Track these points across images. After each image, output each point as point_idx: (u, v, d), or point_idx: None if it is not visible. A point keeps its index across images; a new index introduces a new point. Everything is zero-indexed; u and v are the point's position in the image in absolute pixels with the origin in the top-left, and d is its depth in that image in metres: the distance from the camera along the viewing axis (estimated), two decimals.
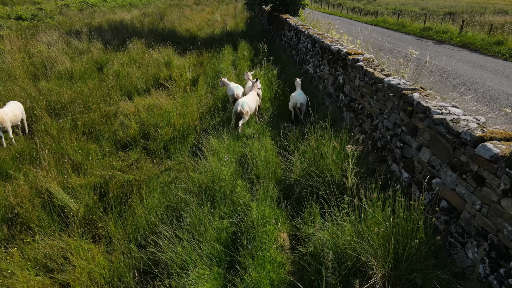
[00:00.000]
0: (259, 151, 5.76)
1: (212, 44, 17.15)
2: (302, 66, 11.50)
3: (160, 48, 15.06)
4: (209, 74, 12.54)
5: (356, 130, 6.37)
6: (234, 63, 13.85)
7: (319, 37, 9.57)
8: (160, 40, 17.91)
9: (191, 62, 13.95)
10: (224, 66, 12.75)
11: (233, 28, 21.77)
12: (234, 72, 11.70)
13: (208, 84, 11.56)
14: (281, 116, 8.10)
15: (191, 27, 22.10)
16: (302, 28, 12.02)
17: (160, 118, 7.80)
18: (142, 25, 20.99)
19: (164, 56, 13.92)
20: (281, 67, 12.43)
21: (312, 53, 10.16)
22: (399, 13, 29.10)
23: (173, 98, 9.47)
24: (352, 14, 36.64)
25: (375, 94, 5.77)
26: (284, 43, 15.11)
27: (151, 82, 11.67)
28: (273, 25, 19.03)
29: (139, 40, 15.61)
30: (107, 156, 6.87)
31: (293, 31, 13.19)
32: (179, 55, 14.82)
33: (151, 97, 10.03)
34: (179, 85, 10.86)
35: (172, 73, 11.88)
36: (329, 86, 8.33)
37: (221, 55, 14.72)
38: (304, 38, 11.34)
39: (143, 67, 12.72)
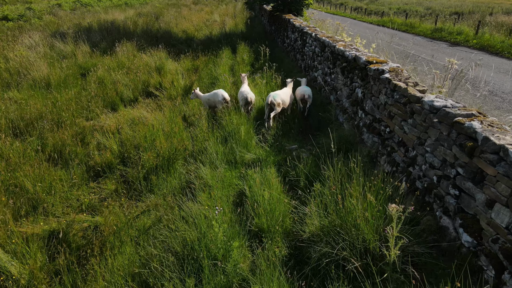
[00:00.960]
0: (261, 189, 4.46)
1: (210, 47, 15.84)
2: (308, 72, 10.19)
3: (153, 51, 13.76)
4: (205, 80, 11.24)
5: (383, 160, 5.07)
6: (233, 68, 12.55)
7: (329, 40, 8.26)
8: (154, 42, 16.61)
9: (185, 67, 12.66)
10: (222, 72, 11.45)
11: (232, 29, 20.46)
12: (232, 80, 10.39)
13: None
14: (287, 136, 6.80)
15: (188, 27, 20.79)
16: (308, 29, 10.71)
17: (143, 138, 6.51)
18: (135, 26, 19.67)
19: (156, 60, 12.61)
20: (285, 74, 11.13)
21: (321, 59, 8.85)
22: (407, 13, 27.79)
23: (162, 111, 8.17)
24: (355, 14, 35.30)
25: (410, 117, 4.47)
26: (287, 45, 13.79)
27: (140, 90, 10.38)
28: (274, 26, 17.71)
29: (130, 42, 14.30)
30: (75, 188, 5.58)
31: (298, 33, 11.88)
32: (172, 59, 13.53)
33: (138, 109, 8.74)
34: (169, 95, 9.56)
35: (163, 80, 10.58)
36: (344, 99, 7.03)
37: (219, 59, 13.42)
38: (311, 41, 10.03)
39: (132, 73, 11.42)
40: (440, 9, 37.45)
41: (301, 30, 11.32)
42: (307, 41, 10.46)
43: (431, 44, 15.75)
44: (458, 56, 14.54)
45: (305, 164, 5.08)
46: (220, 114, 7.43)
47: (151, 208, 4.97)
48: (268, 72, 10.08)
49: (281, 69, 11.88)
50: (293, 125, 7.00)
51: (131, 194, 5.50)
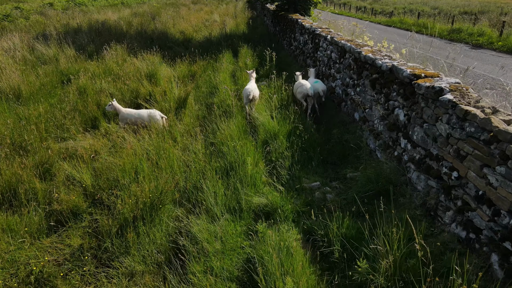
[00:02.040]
0: (280, 268, 3.02)
1: (209, 49, 14.37)
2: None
3: (146, 54, 12.30)
4: (203, 89, 9.78)
5: (449, 218, 3.60)
6: (234, 74, 11.08)
7: (350, 45, 6.80)
8: (148, 44, 15.14)
9: (181, 73, 11.19)
10: (222, 80, 9.98)
11: (233, 29, 18.98)
12: (234, 89, 8.93)
13: (200, 104, 8.81)
14: (306, 168, 5.33)
15: (186, 28, 19.31)
16: (321, 31, 9.25)
17: (121, 172, 5.05)
18: (129, 27, 18.19)
19: (148, 65, 11.15)
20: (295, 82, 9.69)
21: (340, 67, 7.39)
22: (418, 13, 26.34)
23: (149, 131, 6.71)
24: (361, 14, 33.78)
25: (500, 164, 3.01)
26: (295, 48, 12.32)
27: (128, 101, 8.92)
28: (279, 27, 16.23)
29: (120, 45, 12.83)
30: (25, 248, 4.13)
31: (308, 35, 10.41)
32: (167, 64, 12.06)
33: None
34: (161, 108, 8.09)
35: (154, 90, 9.11)
36: (375, 120, 5.56)
37: (219, 64, 11.96)
38: (326, 45, 8.56)
39: (120, 81, 9.96)
40: (447, 9, 35.97)
41: (312, 32, 9.85)
42: (321, 45, 8.99)
43: (450, 46, 14.27)
44: (485, 60, 13.09)
45: (338, 221, 3.61)
46: (221, 136, 5.97)
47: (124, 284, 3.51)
48: (277, 81, 8.62)
49: (289, 75, 10.43)
50: (314, 153, 5.53)
51: (100, 256, 4.05)
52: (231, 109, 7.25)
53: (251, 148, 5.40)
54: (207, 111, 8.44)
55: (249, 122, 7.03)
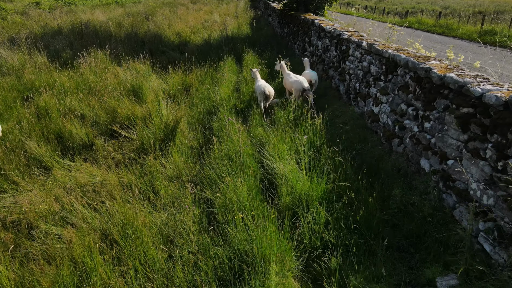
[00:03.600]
0: None
1: (208, 54, 12.26)
2: (356, 102, 6.58)
3: (133, 61, 10.19)
4: (199, 108, 7.66)
5: None
6: (239, 88, 8.96)
7: (407, 57, 4.68)
8: (138, 49, 13.04)
9: (173, 85, 9.08)
10: (224, 96, 7.86)
11: (235, 31, 16.85)
12: (240, 118, 6.83)
13: (195, 130, 6.70)
14: (364, 264, 3.21)
15: (183, 29, 17.19)
16: (350, 35, 7.13)
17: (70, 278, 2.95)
18: (118, 28, 16.05)
19: (134, 76, 9.05)
20: (315, 98, 7.58)
21: (388, 86, 5.26)
22: (440, 13, 24.22)
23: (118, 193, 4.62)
24: (371, 14, 31.63)
25: None
26: (311, 55, 10.19)
27: (102, 126, 6.82)
28: (288, 28, 14.09)
29: (103, 50, 10.70)
30: None
31: (330, 39, 8.29)
32: (158, 73, 9.96)
33: (83, 171, 5.18)
34: (141, 140, 5.97)
35: (136, 111, 7.00)
36: (473, 183, 3.42)
37: (219, 73, 9.85)
38: (359, 55, 6.44)
39: (96, 98, 7.86)
40: (459, 8, 33.83)
41: (337, 36, 7.72)
42: (351, 53, 6.87)
43: (489, 51, 12.16)
44: None
45: None
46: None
47: None
48: (297, 101, 6.50)
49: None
50: (373, 236, 3.40)
51: None
52: (237, 150, 5.12)
53: (272, 230, 3.28)
54: (204, 141, 6.35)
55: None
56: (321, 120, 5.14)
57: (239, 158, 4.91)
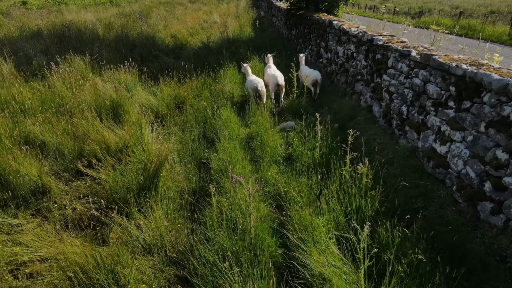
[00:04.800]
0: None
1: (206, 60, 10.59)
2: (403, 132, 4.86)
3: (119, 69, 8.51)
4: (194, 133, 5.97)
5: None
6: (242, 105, 7.27)
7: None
8: (127, 53, 11.36)
9: (163, 100, 7.39)
10: (225, 118, 6.16)
11: (237, 33, 15.15)
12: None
13: (187, 165, 5.03)
14: None
15: (179, 31, 15.50)
16: (388, 41, 5.45)
17: None
18: (108, 30, 14.36)
19: (117, 89, 7.38)
20: (340, 120, 5.89)
21: (465, 117, 3.56)
22: (460, 12, 22.52)
23: None
24: (380, 14, 29.89)
25: None
26: (329, 63, 8.49)
27: (67, 160, 5.15)
28: (297, 30, 12.39)
29: (83, 56, 9.01)
30: None
31: (357, 45, 6.59)
32: (146, 84, 8.29)
33: (30, 232, 3.53)
34: (109, 190, 4.30)
35: (110, 142, 5.31)
36: None
37: (219, 84, 8.18)
38: (406, 68, 4.74)
39: (65, 118, 6.20)
40: (471, 8, 32.11)
41: (368, 42, 6.03)
42: (392, 65, 5.18)
43: None
44: None
45: None
46: None
47: None
48: (327, 125, 4.82)
49: (330, 109, 6.62)
50: None
51: None
52: (245, 211, 3.44)
53: None
54: (199, 184, 4.69)
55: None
56: (366, 169, 3.44)
57: (248, 230, 3.23)
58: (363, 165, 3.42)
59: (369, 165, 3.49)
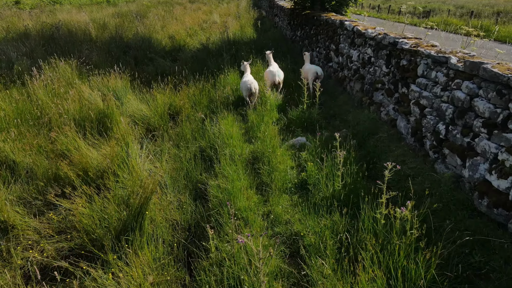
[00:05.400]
0: None
1: (205, 63, 9.79)
2: (441, 156, 4.00)
3: (108, 75, 7.69)
4: (190, 151, 5.15)
5: None
6: (245, 116, 6.44)
7: None
8: (120, 56, 10.56)
9: (157, 110, 6.57)
10: (226, 132, 5.33)
11: (237, 33, 14.33)
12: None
13: (181, 195, 4.21)
14: None
15: (177, 32, 14.69)
16: (416, 45, 4.64)
17: None
18: (102, 30, 13.54)
19: (105, 97, 6.58)
20: (360, 138, 5.07)
21: None
22: (472, 12, 21.69)
23: None
24: (385, 14, 29.02)
25: None
26: (339, 67, 7.67)
27: (40, 184, 4.34)
28: (302, 31, 11.57)
29: (68, 60, 8.19)
30: None
31: (375, 48, 5.76)
32: (139, 90, 7.49)
33: None
34: (87, 226, 3.50)
35: (89, 166, 4.50)
36: None
37: (218, 91, 7.37)
38: (444, 78, 3.91)
39: (43, 132, 5.39)
40: (477, 8, 31.25)
41: (391, 45, 5.20)
42: (422, 73, 4.36)
43: None
44: None
45: None
46: None
47: None
48: (349, 148, 3.99)
49: (344, 121, 5.80)
50: None
51: None
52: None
53: None
54: (194, 216, 3.88)
55: None
56: (410, 213, 2.61)
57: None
58: (402, 205, 2.60)
59: (409, 203, 2.67)
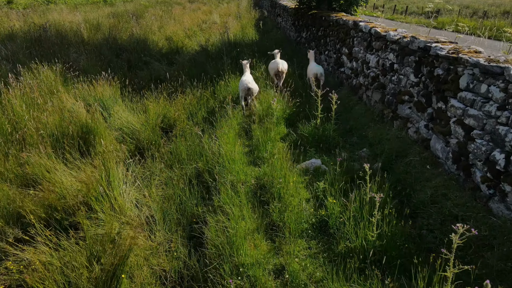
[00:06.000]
0: None
1: (204, 68, 9.00)
2: (501, 194, 3.16)
3: (97, 81, 6.88)
4: (186, 169, 4.34)
5: None
6: (248, 132, 5.62)
7: None
8: (113, 59, 9.75)
9: (148, 122, 5.76)
10: (226, 152, 4.54)
11: (238, 35, 13.52)
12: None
13: (172, 229, 3.41)
14: None
15: (175, 33, 13.88)
16: (456, 51, 3.83)
17: None
18: (95, 31, 12.73)
19: (91, 107, 5.80)
20: (382, 161, 4.25)
21: None
22: (485, 12, 20.86)
23: None
24: (390, 14, 28.19)
25: None
26: (353, 73, 6.85)
27: (2, 221, 3.53)
28: (308, 32, 10.75)
29: (51, 65, 7.38)
30: None
31: (399, 53, 4.93)
32: (130, 98, 6.71)
33: None
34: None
35: (57, 205, 3.69)
36: None
37: (217, 101, 6.57)
38: (501, 94, 3.13)
39: (13, 152, 4.59)
40: (483, 8, 30.41)
41: (420, 50, 4.39)
42: (467, 86, 3.54)
43: None
44: None
45: None
46: None
47: None
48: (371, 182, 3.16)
49: (363, 138, 5.00)
50: None
51: None
52: None
53: None
54: (189, 274, 3.08)
55: None
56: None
57: None
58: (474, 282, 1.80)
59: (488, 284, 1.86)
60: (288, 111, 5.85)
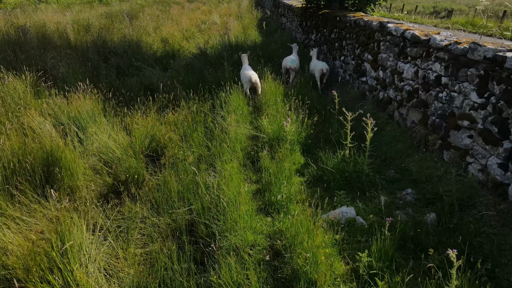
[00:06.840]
0: None
1: (202, 74, 7.90)
2: None
3: (76, 92, 5.75)
4: (176, 213, 3.23)
5: None
6: (255, 161, 4.49)
7: None
8: (100, 65, 8.61)
9: (132, 146, 4.63)
10: (229, 194, 3.43)
11: (240, 36, 12.39)
12: None
13: None
14: None
15: (172, 34, 12.76)
16: None
17: None
18: (84, 33, 11.60)
19: (66, 124, 4.69)
20: (436, 209, 3.12)
21: None
22: (505, 11, 19.76)
23: None
24: (397, 13, 27.01)
25: None
26: (380, 85, 5.69)
27: None
28: (318, 34, 9.59)
29: (23, 74, 6.24)
30: None
31: (449, 64, 3.79)
32: (115, 111, 5.60)
33: None
34: None
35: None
36: None
37: (218, 113, 5.44)
38: None
39: None
40: (492, 8, 29.25)
41: (488, 61, 3.27)
42: None
43: None
44: None
45: None
46: None
47: None
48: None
49: (404, 172, 3.89)
50: None
51: None
52: None
53: None
54: None
55: None
56: None
57: None
58: None
59: None
60: (304, 134, 4.71)
